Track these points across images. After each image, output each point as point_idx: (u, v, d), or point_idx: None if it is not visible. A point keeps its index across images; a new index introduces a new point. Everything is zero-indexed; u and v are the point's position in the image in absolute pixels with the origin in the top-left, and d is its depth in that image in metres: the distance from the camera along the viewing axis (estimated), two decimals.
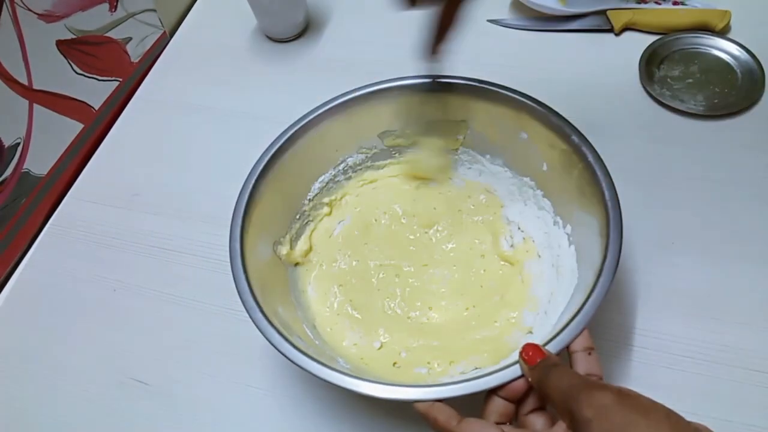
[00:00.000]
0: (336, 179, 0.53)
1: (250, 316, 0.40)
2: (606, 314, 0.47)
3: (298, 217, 0.50)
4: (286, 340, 0.38)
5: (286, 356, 0.38)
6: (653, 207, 0.52)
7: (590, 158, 0.42)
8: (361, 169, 0.53)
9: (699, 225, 0.51)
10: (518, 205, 0.51)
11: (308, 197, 0.51)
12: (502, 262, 0.49)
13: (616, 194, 0.41)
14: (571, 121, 0.44)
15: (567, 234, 0.46)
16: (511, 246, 0.49)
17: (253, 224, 0.44)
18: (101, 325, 0.52)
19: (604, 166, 0.42)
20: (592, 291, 0.37)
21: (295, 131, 0.48)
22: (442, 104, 0.49)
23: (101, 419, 0.48)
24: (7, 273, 0.58)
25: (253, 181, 0.45)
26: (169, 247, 0.56)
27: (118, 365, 0.50)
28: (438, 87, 0.48)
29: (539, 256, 0.48)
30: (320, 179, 0.52)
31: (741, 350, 0.45)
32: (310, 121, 0.48)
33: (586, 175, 0.42)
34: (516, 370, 0.35)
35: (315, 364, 0.37)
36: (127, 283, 0.54)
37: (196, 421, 0.47)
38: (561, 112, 0.45)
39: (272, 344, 0.38)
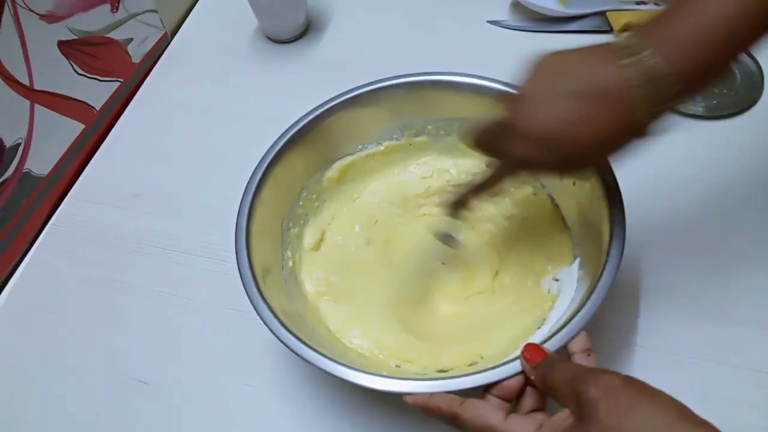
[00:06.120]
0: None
1: (257, 311, 0.40)
2: (606, 314, 0.47)
3: (303, 208, 0.51)
4: (294, 335, 0.38)
5: (295, 352, 0.38)
6: (652, 207, 0.53)
7: (604, 173, 0.42)
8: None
9: (698, 225, 0.52)
10: None
11: (322, 182, 0.51)
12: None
13: (623, 211, 0.40)
14: None
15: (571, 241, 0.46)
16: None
17: (260, 214, 0.45)
18: (101, 325, 0.52)
19: (616, 183, 0.41)
20: (590, 294, 0.38)
21: (304, 124, 0.48)
22: (463, 103, 0.49)
23: (102, 419, 0.48)
24: (7, 273, 0.58)
25: (264, 166, 0.46)
26: (169, 247, 0.56)
27: (119, 365, 0.50)
28: (461, 86, 0.48)
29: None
30: (340, 161, 0.52)
31: (741, 350, 0.45)
32: (320, 113, 0.48)
33: (597, 190, 0.42)
34: (511, 369, 0.35)
35: (321, 357, 0.37)
36: (128, 283, 0.54)
37: (196, 421, 0.47)
38: None
39: (280, 339, 0.38)
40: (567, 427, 0.30)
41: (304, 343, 0.38)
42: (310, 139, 0.48)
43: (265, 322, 0.39)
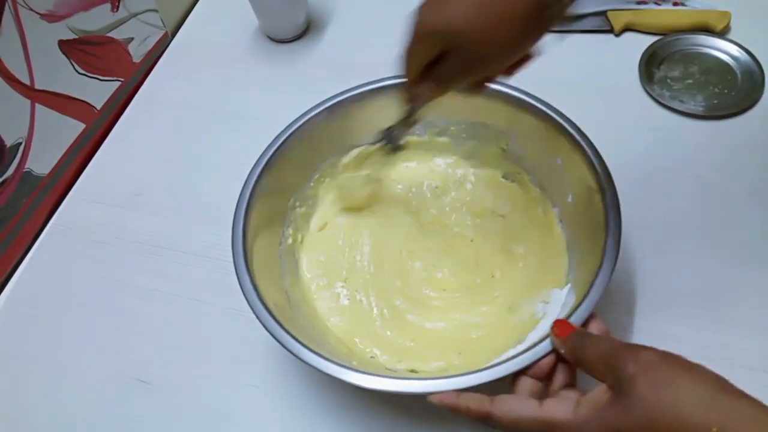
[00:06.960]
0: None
1: (255, 313, 0.40)
2: (605, 314, 0.47)
3: (313, 189, 0.51)
4: (293, 337, 0.38)
5: (296, 356, 0.38)
6: (653, 207, 0.53)
7: (608, 200, 0.41)
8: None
9: (698, 225, 0.52)
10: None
11: (338, 167, 0.52)
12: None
13: (620, 233, 0.40)
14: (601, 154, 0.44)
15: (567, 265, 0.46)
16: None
17: (257, 213, 0.45)
18: (101, 325, 0.52)
19: (618, 211, 0.41)
20: (584, 297, 0.38)
21: (331, 105, 0.49)
22: (488, 108, 0.49)
23: (101, 419, 0.48)
24: (8, 273, 0.58)
25: (259, 170, 0.46)
26: (169, 246, 0.56)
27: (118, 365, 0.50)
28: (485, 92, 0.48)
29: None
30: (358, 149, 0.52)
31: (741, 350, 0.45)
32: (347, 98, 0.49)
33: (599, 218, 0.42)
34: (539, 351, 0.35)
35: (321, 359, 0.37)
36: (128, 282, 0.54)
37: (196, 421, 0.47)
38: (560, 113, 0.46)
39: (279, 341, 0.38)
40: (605, 402, 0.30)
41: (314, 351, 0.38)
42: (333, 122, 0.49)
43: (274, 336, 0.39)
